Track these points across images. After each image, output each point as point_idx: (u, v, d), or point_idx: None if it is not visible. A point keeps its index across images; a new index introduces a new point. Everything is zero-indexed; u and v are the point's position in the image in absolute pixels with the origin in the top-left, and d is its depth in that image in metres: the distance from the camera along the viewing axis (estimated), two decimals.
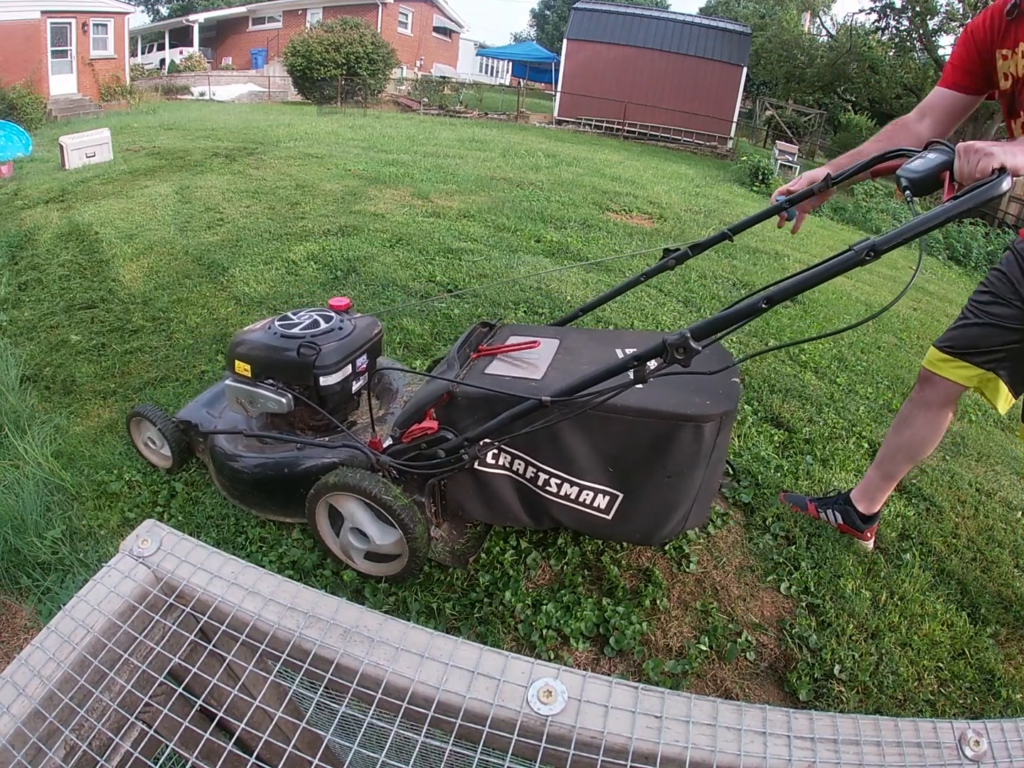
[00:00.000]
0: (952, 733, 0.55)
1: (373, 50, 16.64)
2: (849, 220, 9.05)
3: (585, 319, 3.29)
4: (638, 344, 1.61)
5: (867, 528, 1.87)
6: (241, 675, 0.65)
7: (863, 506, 1.85)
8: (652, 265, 1.69)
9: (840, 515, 1.90)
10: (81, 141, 7.15)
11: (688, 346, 1.06)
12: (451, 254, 4.13)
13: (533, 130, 14.75)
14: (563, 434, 1.38)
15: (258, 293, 3.39)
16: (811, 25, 21.77)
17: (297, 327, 1.76)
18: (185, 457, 2.01)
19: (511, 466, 1.49)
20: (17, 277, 3.74)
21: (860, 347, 3.50)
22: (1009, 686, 1.51)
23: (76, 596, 0.66)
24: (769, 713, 0.56)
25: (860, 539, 1.89)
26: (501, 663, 0.60)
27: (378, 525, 1.56)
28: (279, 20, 21.89)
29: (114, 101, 15.63)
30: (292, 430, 1.84)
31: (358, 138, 9.51)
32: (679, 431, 1.32)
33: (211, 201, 5.27)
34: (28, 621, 1.61)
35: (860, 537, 1.88)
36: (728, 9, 29.47)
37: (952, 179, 1.07)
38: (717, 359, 1.47)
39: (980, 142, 1.03)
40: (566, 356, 1.58)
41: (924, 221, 0.98)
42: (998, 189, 0.97)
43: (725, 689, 1.46)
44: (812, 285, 1.05)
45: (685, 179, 9.22)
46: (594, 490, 1.44)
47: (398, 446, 1.51)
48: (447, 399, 1.44)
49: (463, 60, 29.58)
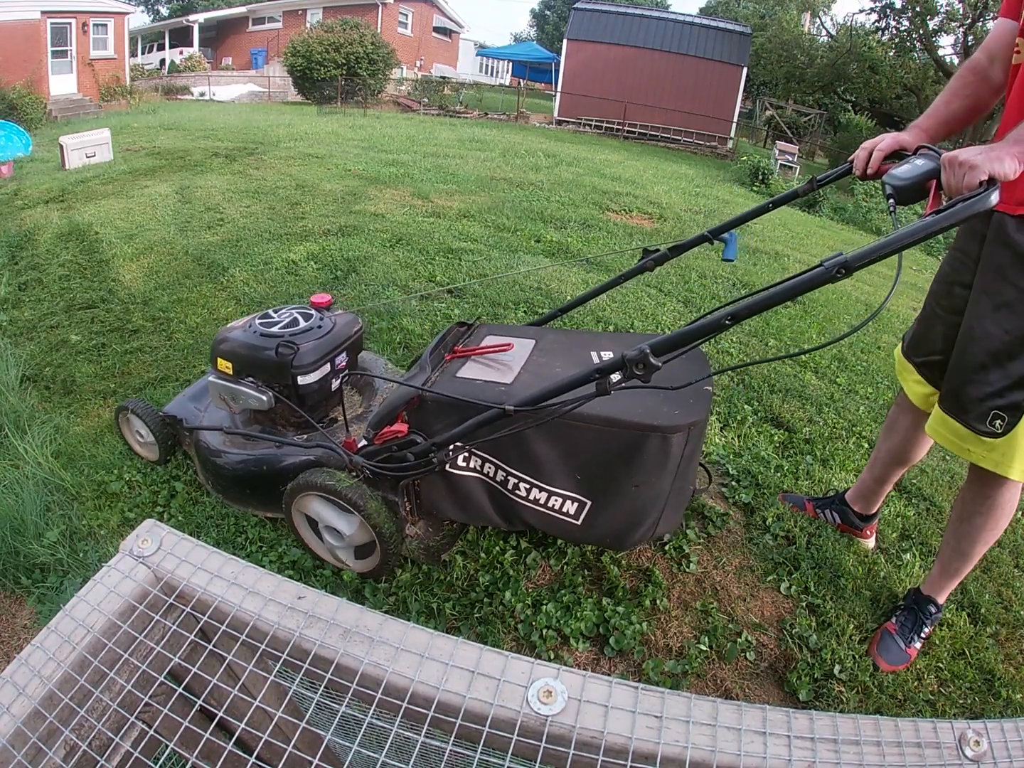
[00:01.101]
0: (952, 733, 0.55)
1: (373, 50, 16.64)
2: (849, 220, 9.05)
3: (585, 319, 3.31)
4: (616, 347, 1.61)
5: (866, 526, 1.87)
6: (241, 675, 0.65)
7: (859, 506, 1.86)
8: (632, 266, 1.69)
9: (838, 515, 1.90)
10: (81, 141, 7.15)
11: (648, 362, 1.05)
12: (451, 254, 4.13)
13: (533, 130, 14.75)
14: (531, 441, 1.38)
15: (258, 293, 3.38)
16: (811, 25, 21.78)
17: (276, 326, 1.78)
18: (172, 449, 2.06)
19: (482, 469, 1.49)
20: (17, 277, 3.74)
21: (860, 347, 3.49)
22: (1009, 686, 1.51)
23: (76, 596, 0.66)
24: (769, 713, 0.56)
25: (860, 537, 1.88)
26: (501, 663, 0.60)
27: (340, 515, 1.57)
28: (279, 20, 21.90)
29: (114, 101, 15.63)
30: (274, 426, 1.86)
31: (358, 138, 9.51)
32: (646, 441, 1.32)
33: (211, 201, 5.27)
34: (28, 621, 1.61)
35: (860, 535, 1.88)
36: (728, 9, 29.48)
37: (939, 188, 1.02)
38: (695, 367, 1.47)
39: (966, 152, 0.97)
40: (540, 358, 1.58)
41: (901, 237, 0.91)
42: (984, 204, 0.90)
43: (725, 689, 1.46)
44: (778, 302, 1.02)
45: (685, 179, 9.22)
46: (562, 496, 1.44)
47: (371, 447, 1.52)
48: (417, 403, 1.45)
49: (463, 60, 29.58)
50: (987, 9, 14.19)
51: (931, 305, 1.48)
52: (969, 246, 1.34)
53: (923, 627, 1.56)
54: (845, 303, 4.37)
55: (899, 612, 1.60)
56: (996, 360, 1.24)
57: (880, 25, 17.79)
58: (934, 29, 16.45)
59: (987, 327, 1.25)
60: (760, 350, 3.21)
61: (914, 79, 17.30)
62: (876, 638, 1.58)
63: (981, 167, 0.94)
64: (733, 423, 2.47)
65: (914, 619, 1.56)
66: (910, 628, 1.56)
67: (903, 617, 1.58)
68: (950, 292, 1.40)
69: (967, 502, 1.41)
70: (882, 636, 1.57)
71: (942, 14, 16.08)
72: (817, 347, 1.30)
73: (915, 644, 1.55)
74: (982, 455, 1.29)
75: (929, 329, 1.48)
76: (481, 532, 1.79)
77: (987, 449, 1.28)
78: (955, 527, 1.46)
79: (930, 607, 1.57)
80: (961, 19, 15.50)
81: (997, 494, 1.34)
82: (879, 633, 1.59)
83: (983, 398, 1.26)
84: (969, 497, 1.41)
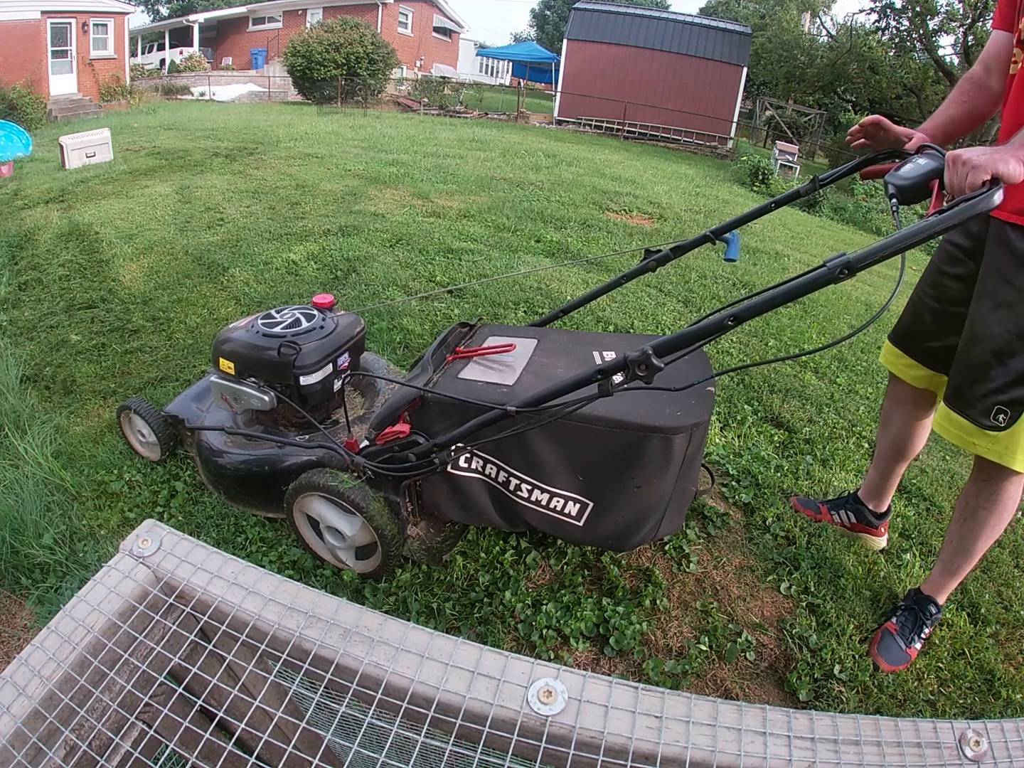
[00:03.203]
0: (952, 733, 0.55)
1: (373, 50, 16.64)
2: (849, 220, 9.05)
3: (585, 319, 3.31)
4: (618, 347, 1.61)
5: (880, 523, 1.89)
6: (241, 675, 0.65)
7: (872, 504, 1.88)
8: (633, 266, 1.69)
9: (853, 514, 1.91)
10: (81, 141, 7.14)
11: (650, 363, 1.05)
12: (451, 254, 4.13)
13: (533, 130, 14.75)
14: (534, 442, 1.38)
15: (258, 293, 3.38)
16: (811, 25, 21.78)
17: (279, 326, 1.78)
18: (174, 449, 2.06)
19: (484, 470, 1.49)
20: (17, 277, 3.74)
21: (860, 347, 3.50)
22: (1009, 686, 1.51)
23: (76, 596, 0.66)
24: (769, 713, 0.56)
25: (875, 535, 1.89)
26: (501, 663, 0.60)
27: (342, 516, 1.57)
28: (279, 20, 21.90)
29: (114, 101, 15.63)
30: (276, 427, 1.86)
31: (358, 138, 9.51)
32: (648, 443, 1.32)
33: (211, 201, 5.27)
34: (28, 621, 1.61)
35: (875, 533, 1.89)
36: (728, 9, 29.49)
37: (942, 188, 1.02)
38: (697, 368, 1.47)
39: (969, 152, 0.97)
40: (542, 359, 1.58)
41: (904, 238, 0.91)
42: (988, 203, 0.89)
43: (725, 689, 1.46)
44: (781, 303, 1.01)
45: (685, 179, 9.22)
46: (564, 497, 1.44)
47: (372, 448, 1.52)
48: (419, 403, 1.45)
49: (463, 60, 29.58)
50: (987, 9, 14.19)
51: (919, 295, 1.56)
52: (960, 239, 1.42)
53: (923, 627, 1.56)
54: (845, 303, 4.37)
55: (899, 612, 1.61)
56: (998, 358, 1.28)
57: (880, 25, 17.78)
58: (934, 29, 16.45)
59: (989, 326, 1.29)
60: (760, 350, 3.21)
61: (914, 79, 17.30)
62: (876, 638, 1.58)
63: (984, 167, 0.94)
64: (733, 423, 2.47)
65: (914, 619, 1.57)
66: (910, 628, 1.56)
67: (903, 617, 1.59)
68: (938, 282, 1.48)
69: (971, 496, 1.44)
70: (882, 636, 1.57)
71: (942, 14, 16.08)
72: (819, 348, 1.30)
73: (915, 644, 1.55)
74: (986, 447, 1.34)
75: (917, 318, 1.56)
76: (481, 532, 1.79)
77: (991, 442, 1.32)
78: (958, 524, 1.48)
79: (930, 607, 1.57)
80: (961, 19, 15.50)
81: (1001, 488, 1.38)
82: (879, 633, 1.59)
83: (986, 394, 1.30)
84: (973, 491, 1.44)
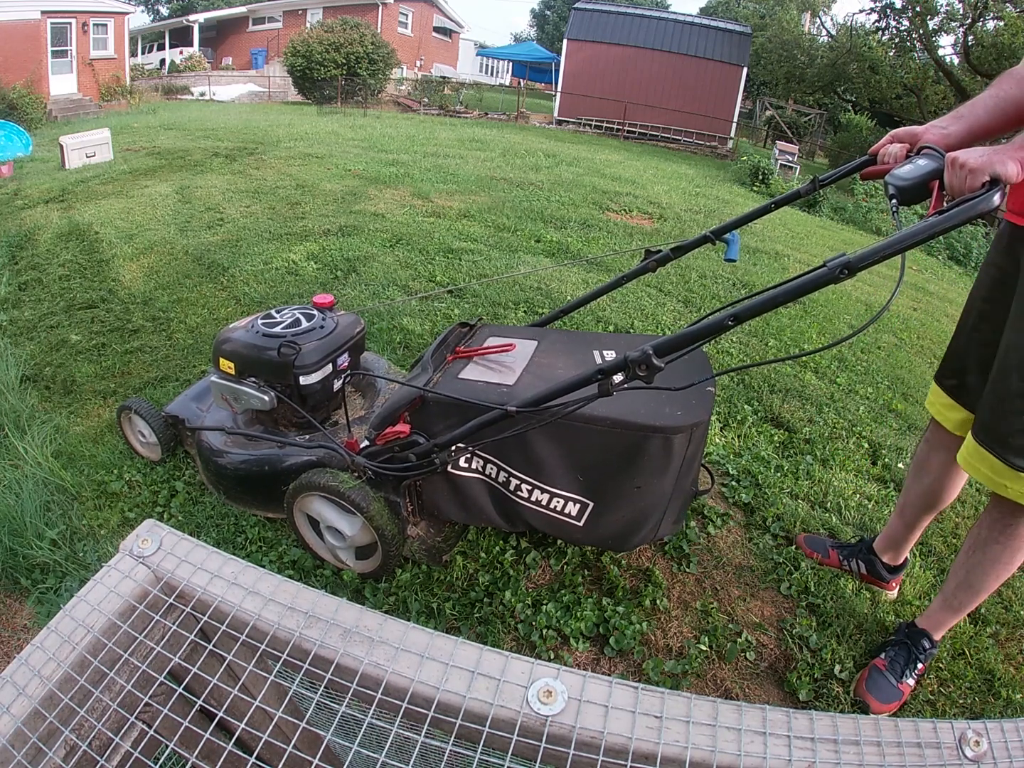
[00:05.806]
0: (952, 733, 0.55)
1: (373, 50, 16.64)
2: (849, 220, 9.05)
3: (585, 319, 3.30)
4: (618, 347, 1.61)
5: (892, 579, 1.73)
6: (241, 675, 0.65)
7: (888, 556, 1.71)
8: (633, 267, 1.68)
9: (864, 564, 1.75)
10: (81, 141, 7.14)
11: (650, 363, 1.05)
12: (451, 254, 4.13)
13: (533, 130, 14.74)
14: (534, 442, 1.38)
15: (258, 293, 3.38)
16: (811, 25, 21.77)
17: (279, 326, 1.78)
18: (174, 448, 2.06)
19: (484, 470, 1.49)
20: (17, 277, 3.74)
21: (860, 347, 3.50)
22: (1009, 686, 1.51)
23: (76, 596, 0.66)
24: (769, 713, 0.56)
25: (884, 589, 1.73)
26: (501, 663, 0.60)
27: (342, 516, 1.57)
28: (279, 20, 21.89)
29: (114, 101, 15.63)
30: (277, 427, 1.86)
31: (358, 138, 9.51)
32: (648, 442, 1.31)
33: (211, 201, 5.27)
34: (28, 621, 1.61)
35: (885, 587, 1.73)
36: (728, 9, 29.50)
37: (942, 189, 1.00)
38: (697, 368, 1.47)
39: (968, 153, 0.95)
40: (542, 359, 1.58)
41: (904, 238, 0.90)
42: (988, 204, 0.88)
43: (725, 689, 1.46)
44: (781, 303, 1.00)
45: (685, 179, 9.22)
46: (565, 497, 1.43)
47: (373, 448, 1.52)
48: (419, 403, 1.45)
49: (463, 60, 29.58)
50: (987, 9, 14.18)
51: (962, 319, 1.41)
52: (1001, 260, 1.28)
53: (917, 663, 1.45)
54: (845, 303, 4.37)
55: (889, 648, 1.49)
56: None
57: (880, 25, 17.75)
58: (934, 29, 16.43)
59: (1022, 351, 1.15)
60: (760, 350, 3.21)
61: (914, 79, 17.26)
62: (863, 676, 1.47)
63: (983, 168, 0.93)
64: (733, 423, 2.47)
65: (907, 654, 1.45)
66: (902, 664, 1.44)
67: (894, 652, 1.47)
68: (973, 306, 1.36)
69: (984, 528, 1.30)
70: (870, 673, 1.45)
71: (942, 14, 16.06)
72: (819, 348, 1.29)
73: (908, 680, 1.44)
74: (1019, 492, 1.17)
75: (958, 344, 1.41)
76: (481, 532, 1.79)
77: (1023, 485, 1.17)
78: (967, 556, 1.34)
79: (924, 642, 1.46)
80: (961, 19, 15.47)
81: (1020, 523, 1.24)
82: (867, 671, 1.47)
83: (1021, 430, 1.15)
84: (988, 523, 1.29)
